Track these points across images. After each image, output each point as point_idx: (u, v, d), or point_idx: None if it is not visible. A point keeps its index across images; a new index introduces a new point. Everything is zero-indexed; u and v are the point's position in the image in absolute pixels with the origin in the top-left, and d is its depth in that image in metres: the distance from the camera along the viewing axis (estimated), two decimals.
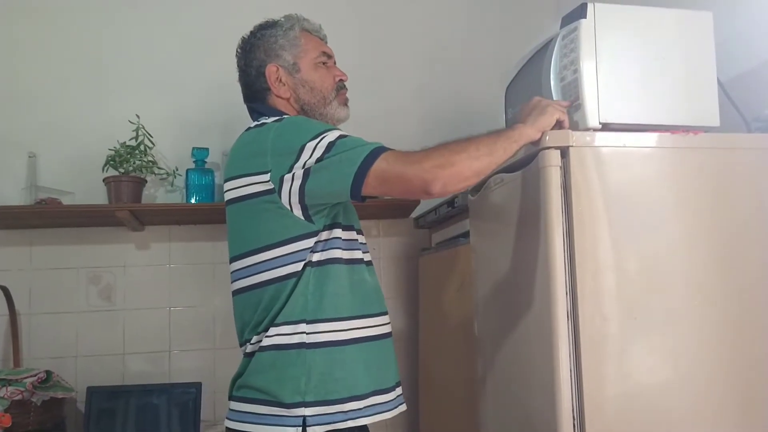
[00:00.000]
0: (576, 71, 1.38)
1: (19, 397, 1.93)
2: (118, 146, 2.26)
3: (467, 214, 1.89)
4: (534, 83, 1.54)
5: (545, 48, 1.51)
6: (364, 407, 1.32)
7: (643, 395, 1.27)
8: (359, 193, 1.26)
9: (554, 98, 1.46)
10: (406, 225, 2.59)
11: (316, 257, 1.34)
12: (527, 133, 1.32)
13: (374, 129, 2.57)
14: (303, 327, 1.31)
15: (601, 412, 1.25)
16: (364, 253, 1.45)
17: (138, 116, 2.29)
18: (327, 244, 1.35)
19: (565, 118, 1.36)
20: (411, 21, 2.69)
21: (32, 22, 2.41)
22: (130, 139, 2.28)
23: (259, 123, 1.41)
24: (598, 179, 1.32)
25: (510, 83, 1.71)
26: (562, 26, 1.46)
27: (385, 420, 1.37)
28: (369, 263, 1.47)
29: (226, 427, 1.36)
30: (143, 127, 2.28)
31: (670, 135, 1.37)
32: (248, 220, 1.37)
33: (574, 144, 1.31)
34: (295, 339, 1.30)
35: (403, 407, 1.44)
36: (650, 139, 1.36)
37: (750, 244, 1.36)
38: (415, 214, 2.53)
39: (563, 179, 1.31)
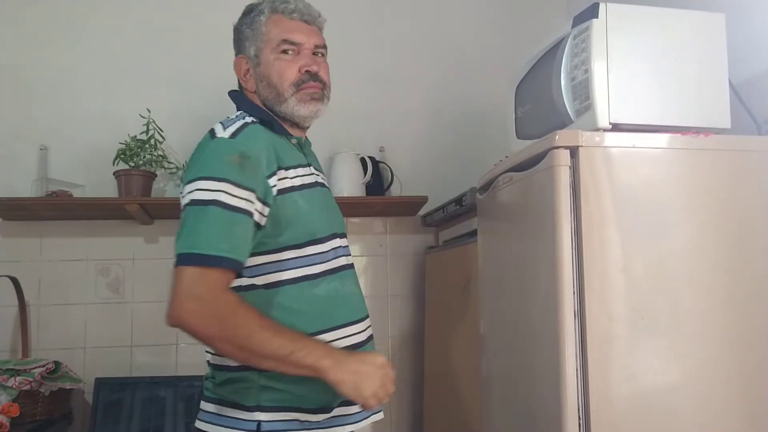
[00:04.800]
0: (587, 71, 1.38)
1: (28, 387, 1.95)
2: (128, 140, 2.27)
3: (475, 212, 1.89)
4: (544, 82, 1.54)
5: (556, 47, 1.51)
6: (324, 419, 1.30)
7: (649, 395, 1.27)
8: None
9: (564, 98, 1.45)
10: (413, 223, 2.59)
11: (260, 280, 1.29)
12: (329, 369, 1.17)
13: (384, 128, 2.61)
14: None
15: (607, 411, 1.25)
16: (327, 261, 1.34)
17: (149, 110, 2.30)
18: (263, 269, 1.28)
19: (373, 405, 1.21)
20: (421, 20, 2.68)
21: (44, 16, 2.43)
22: (141, 133, 2.29)
23: (212, 128, 1.32)
24: (608, 179, 1.31)
25: (520, 82, 1.71)
26: (573, 26, 1.45)
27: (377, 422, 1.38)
28: (335, 270, 1.35)
29: (195, 426, 1.34)
30: (154, 122, 2.30)
31: (681, 136, 1.36)
32: None
33: (583, 144, 1.31)
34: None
35: (377, 416, 1.39)
36: (660, 140, 1.36)
37: (759, 247, 1.36)
38: (422, 212, 2.53)
39: (572, 179, 1.31)
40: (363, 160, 2.46)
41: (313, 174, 1.39)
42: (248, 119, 1.34)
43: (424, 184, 2.52)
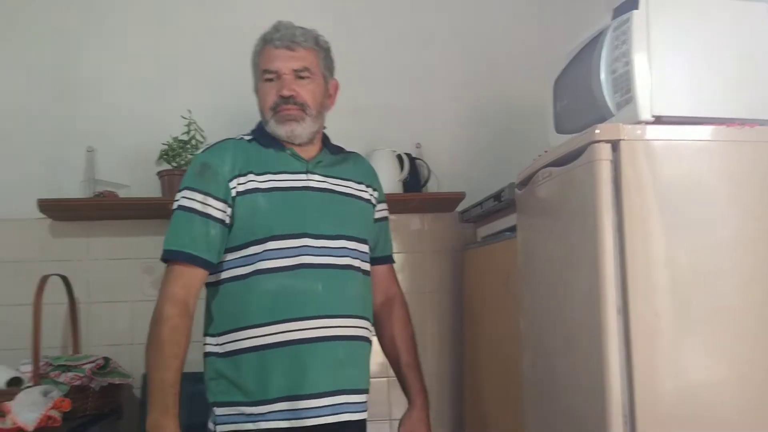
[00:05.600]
0: (627, 63, 1.36)
1: (79, 382, 2.00)
2: (170, 141, 2.32)
3: (513, 208, 1.88)
4: (583, 76, 1.52)
5: (595, 40, 1.50)
6: (268, 412, 1.43)
7: (697, 393, 1.26)
8: None
9: (605, 91, 1.44)
10: (450, 219, 2.58)
11: (226, 274, 1.51)
12: (157, 422, 1.37)
13: (421, 124, 2.61)
14: (208, 339, 1.53)
15: (653, 408, 1.24)
16: (284, 258, 1.47)
17: (190, 111, 2.34)
18: (229, 264, 1.50)
19: None
20: (452, 14, 2.67)
21: (89, 20, 2.49)
22: (182, 134, 2.33)
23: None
24: (650, 173, 1.30)
25: (559, 76, 1.69)
26: (613, 17, 1.44)
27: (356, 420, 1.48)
28: (293, 267, 1.47)
29: None
30: (195, 122, 2.34)
31: (725, 128, 1.34)
32: None
33: (625, 137, 1.30)
34: (207, 348, 1.53)
35: (341, 416, 1.47)
36: (704, 132, 1.34)
37: None
38: (460, 208, 2.52)
39: (614, 173, 1.29)
40: (399, 157, 2.47)
41: (302, 180, 1.54)
42: (238, 136, 1.60)
43: (462, 180, 2.52)
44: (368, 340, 1.59)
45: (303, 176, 1.55)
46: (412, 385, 1.69)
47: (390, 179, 2.41)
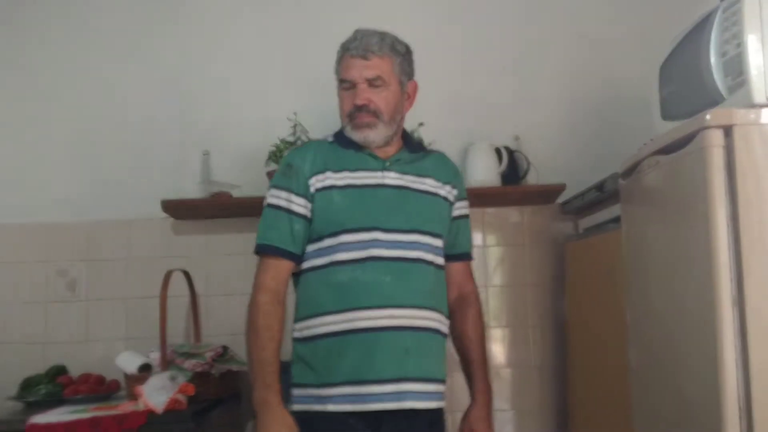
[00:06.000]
0: (739, 45, 1.32)
1: (201, 369, 2.13)
2: (278, 142, 2.42)
3: (617, 199, 1.84)
4: (692, 60, 1.48)
5: (704, 23, 1.45)
6: (334, 395, 1.52)
7: None
8: None
9: (715, 75, 1.39)
10: (551, 211, 2.55)
11: (306, 265, 1.62)
12: (261, 397, 1.52)
13: (519, 116, 2.59)
14: (294, 325, 1.64)
15: None
16: (355, 251, 1.56)
17: (295, 114, 2.43)
18: (309, 255, 1.62)
19: None
20: (553, 1, 2.63)
21: (202, 32, 2.64)
22: (289, 135, 2.42)
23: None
24: (766, 159, 1.25)
25: (665, 61, 1.65)
26: None
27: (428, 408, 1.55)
28: (364, 260, 1.55)
29: None
30: (300, 124, 2.43)
31: None
32: None
33: (738, 122, 1.26)
34: (293, 334, 1.64)
35: (405, 403, 1.52)
36: None
37: None
38: (560, 199, 2.49)
39: (727, 160, 1.26)
40: (498, 151, 2.46)
41: (378, 177, 1.62)
42: (323, 137, 1.72)
43: (562, 171, 2.48)
44: (440, 332, 1.63)
45: (379, 173, 1.63)
46: (477, 382, 1.72)
47: (488, 173, 2.41)
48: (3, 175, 2.58)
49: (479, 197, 2.44)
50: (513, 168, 2.48)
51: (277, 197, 1.63)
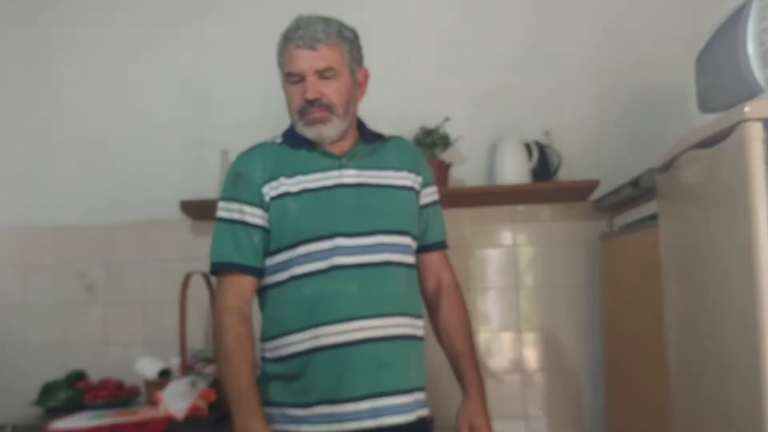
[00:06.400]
0: None
1: None
2: None
3: (653, 195, 1.79)
4: (729, 51, 1.41)
5: (741, 11, 1.38)
6: (309, 415, 1.45)
7: None
8: None
9: (753, 66, 1.32)
10: (584, 208, 2.47)
11: (266, 281, 1.54)
12: (243, 425, 1.41)
13: (549, 110, 2.51)
14: (262, 344, 1.56)
15: None
16: (316, 261, 1.48)
17: None
18: (269, 270, 1.53)
19: None
20: None
21: (221, 33, 2.61)
22: None
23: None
24: None
25: (701, 52, 1.57)
26: None
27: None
28: (326, 270, 1.47)
29: None
30: None
31: None
32: None
33: None
34: (261, 353, 1.57)
35: (383, 420, 1.44)
36: None
37: None
38: (594, 196, 2.41)
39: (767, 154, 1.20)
40: (528, 146, 2.39)
41: (334, 178, 1.52)
42: (270, 139, 1.62)
43: (595, 166, 2.40)
44: (414, 338, 1.54)
45: (335, 173, 1.53)
46: (467, 374, 1.61)
47: (518, 169, 2.36)
48: (21, 178, 2.60)
49: (508, 195, 2.41)
50: (544, 164, 2.42)
51: (228, 210, 1.53)
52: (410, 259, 1.58)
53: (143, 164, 2.56)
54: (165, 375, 2.11)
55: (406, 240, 1.56)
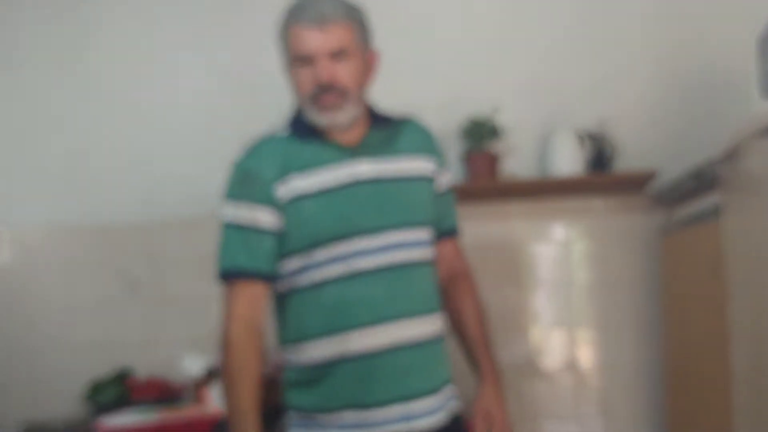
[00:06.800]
0: None
1: (267, 373, 2.10)
2: None
3: (716, 185, 1.72)
4: None
5: None
6: (338, 422, 1.39)
7: None
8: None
9: None
10: (640, 201, 2.38)
11: (280, 287, 1.44)
12: None
13: (602, 99, 2.41)
14: (282, 347, 1.49)
15: None
16: (335, 265, 1.39)
17: None
18: (281, 276, 1.43)
19: None
20: None
21: (253, 20, 2.54)
22: None
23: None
24: None
25: (764, 32, 1.48)
26: None
27: None
28: (345, 276, 1.38)
29: None
30: None
31: None
32: None
33: None
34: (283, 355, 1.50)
35: (413, 423, 1.38)
36: None
37: None
38: (651, 187, 2.32)
39: None
40: (580, 136, 2.32)
41: (349, 172, 1.41)
42: (274, 132, 1.50)
43: (652, 156, 2.31)
44: (440, 335, 1.48)
45: (349, 167, 1.43)
46: (482, 361, 1.54)
47: (571, 161, 2.31)
48: (64, 177, 2.63)
49: (560, 187, 2.37)
50: (597, 155, 2.34)
51: (236, 211, 1.41)
52: (430, 254, 1.51)
53: (186, 162, 2.57)
54: (211, 373, 2.11)
55: (426, 234, 1.49)
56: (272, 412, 2.05)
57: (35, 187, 2.61)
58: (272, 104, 2.53)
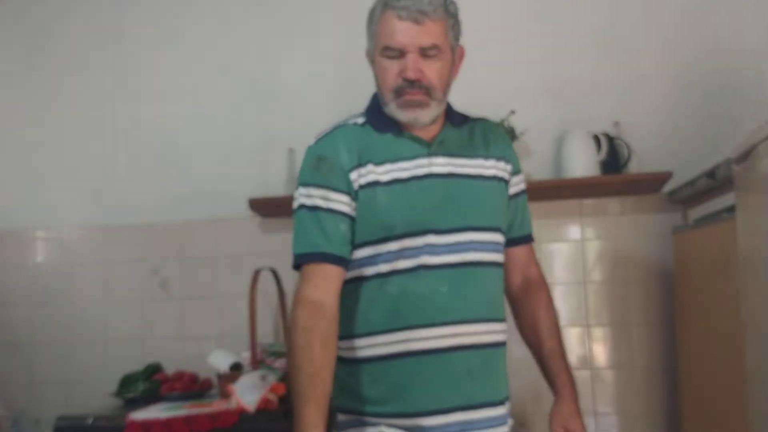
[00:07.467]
0: None
1: None
2: None
3: (731, 186, 1.70)
4: None
5: None
6: (389, 425, 1.33)
7: None
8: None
9: None
10: (656, 201, 2.39)
11: (351, 274, 1.38)
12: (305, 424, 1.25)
13: (618, 99, 2.43)
14: (339, 343, 1.37)
15: None
16: (406, 259, 1.34)
17: None
18: (353, 264, 1.38)
19: None
20: None
21: (282, 32, 2.65)
22: None
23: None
24: None
25: None
26: None
27: None
28: (416, 269, 1.33)
29: None
30: None
31: None
32: None
33: None
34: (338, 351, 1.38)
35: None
36: None
37: None
38: (666, 188, 2.32)
39: None
40: (596, 138, 2.33)
41: (424, 167, 1.38)
42: (349, 121, 1.45)
43: (667, 157, 2.32)
44: (503, 344, 1.42)
45: (425, 162, 1.38)
46: (558, 374, 1.47)
47: (586, 162, 2.31)
48: (101, 179, 2.71)
49: (577, 188, 2.36)
50: (613, 156, 2.35)
51: (310, 196, 1.36)
52: (500, 257, 1.45)
53: (213, 164, 2.63)
54: (236, 368, 2.16)
55: (497, 237, 1.43)
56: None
57: (72, 189, 2.70)
58: (298, 110, 2.61)
